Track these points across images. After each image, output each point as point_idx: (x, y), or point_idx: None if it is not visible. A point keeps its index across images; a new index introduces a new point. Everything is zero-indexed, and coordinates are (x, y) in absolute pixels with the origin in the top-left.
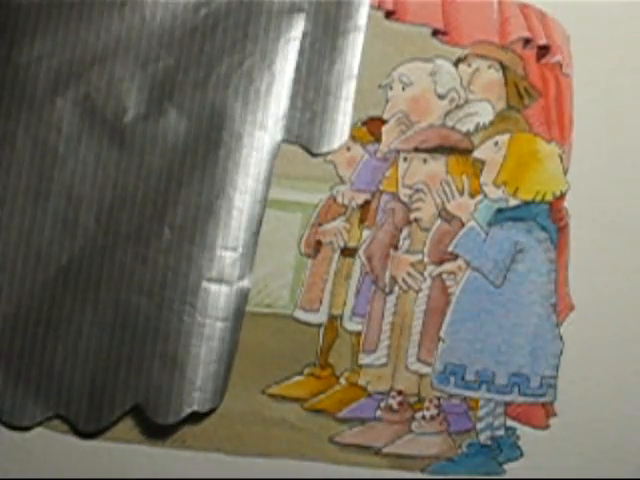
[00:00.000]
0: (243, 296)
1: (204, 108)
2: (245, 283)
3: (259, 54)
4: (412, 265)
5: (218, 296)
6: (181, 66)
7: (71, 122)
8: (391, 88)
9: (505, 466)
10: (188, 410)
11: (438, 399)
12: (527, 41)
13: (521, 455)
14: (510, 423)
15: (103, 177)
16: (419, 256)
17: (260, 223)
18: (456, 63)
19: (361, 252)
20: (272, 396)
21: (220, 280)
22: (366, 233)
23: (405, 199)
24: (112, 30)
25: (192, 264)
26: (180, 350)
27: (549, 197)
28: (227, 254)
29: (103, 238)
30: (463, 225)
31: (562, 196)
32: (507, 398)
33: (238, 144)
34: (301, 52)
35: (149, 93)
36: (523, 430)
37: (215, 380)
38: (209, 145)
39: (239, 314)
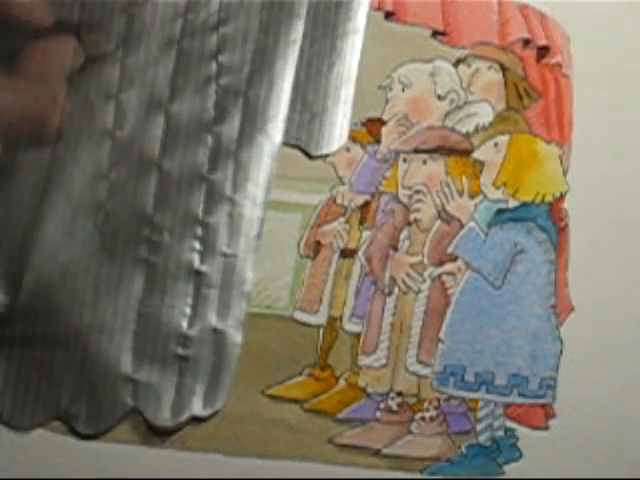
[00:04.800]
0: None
1: (203, 112)
2: None
3: (258, 57)
4: (412, 266)
5: None
6: (180, 70)
7: (70, 127)
8: (391, 89)
9: (505, 467)
10: (187, 414)
11: (438, 400)
12: (527, 42)
13: (520, 456)
14: (509, 424)
15: (102, 182)
16: (419, 257)
17: (261, 226)
18: (456, 64)
19: (361, 253)
20: (272, 397)
21: None
22: (366, 234)
23: (405, 200)
24: (112, 35)
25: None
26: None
27: (549, 198)
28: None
29: (102, 243)
30: (463, 226)
31: (562, 197)
32: (506, 399)
33: (237, 148)
34: (300, 54)
35: (148, 98)
36: (522, 431)
37: (215, 384)
38: None
39: None
